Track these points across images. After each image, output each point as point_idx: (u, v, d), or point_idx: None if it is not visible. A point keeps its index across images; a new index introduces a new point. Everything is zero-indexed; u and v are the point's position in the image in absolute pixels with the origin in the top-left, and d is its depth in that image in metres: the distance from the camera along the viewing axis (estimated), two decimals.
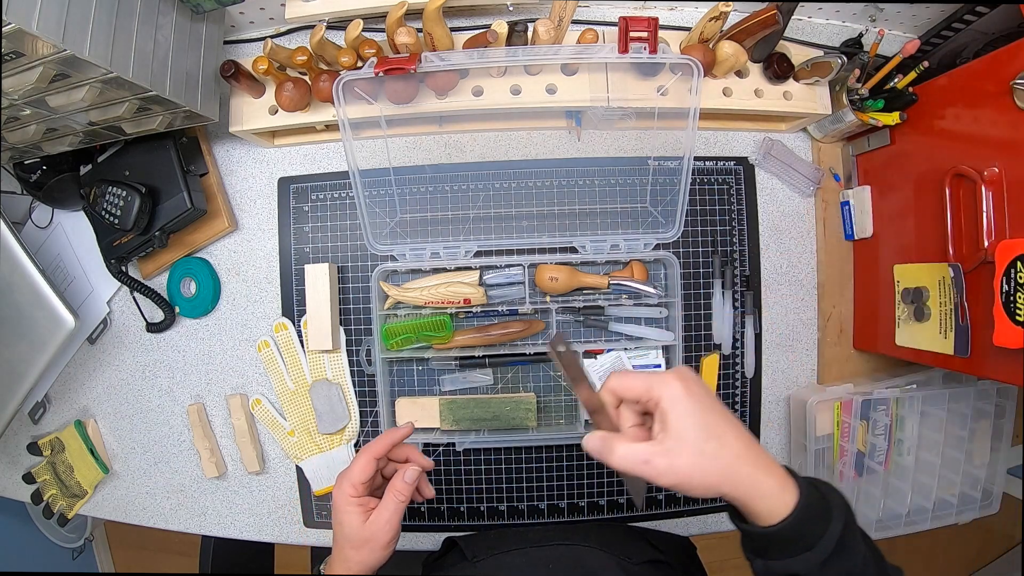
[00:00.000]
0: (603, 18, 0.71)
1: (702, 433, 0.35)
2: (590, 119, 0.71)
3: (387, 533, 0.47)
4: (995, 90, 0.53)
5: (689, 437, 0.35)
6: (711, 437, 0.35)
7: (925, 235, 0.63)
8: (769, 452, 0.38)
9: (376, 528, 0.47)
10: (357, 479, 0.48)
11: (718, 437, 0.36)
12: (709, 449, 0.35)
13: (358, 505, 0.48)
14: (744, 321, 0.74)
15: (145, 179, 0.67)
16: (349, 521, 0.48)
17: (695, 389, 0.37)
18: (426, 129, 0.74)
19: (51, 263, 0.78)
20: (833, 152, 0.76)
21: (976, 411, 0.72)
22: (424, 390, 0.73)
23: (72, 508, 0.79)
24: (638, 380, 0.38)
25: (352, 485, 0.48)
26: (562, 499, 0.74)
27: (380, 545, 0.47)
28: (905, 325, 0.65)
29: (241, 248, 0.76)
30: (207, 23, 0.63)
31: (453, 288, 0.68)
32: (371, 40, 0.62)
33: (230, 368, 0.76)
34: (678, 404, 0.36)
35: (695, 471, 0.35)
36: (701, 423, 0.36)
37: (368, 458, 0.49)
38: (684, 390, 0.36)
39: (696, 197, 0.74)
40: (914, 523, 0.72)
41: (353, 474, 0.48)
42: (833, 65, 0.64)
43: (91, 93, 0.52)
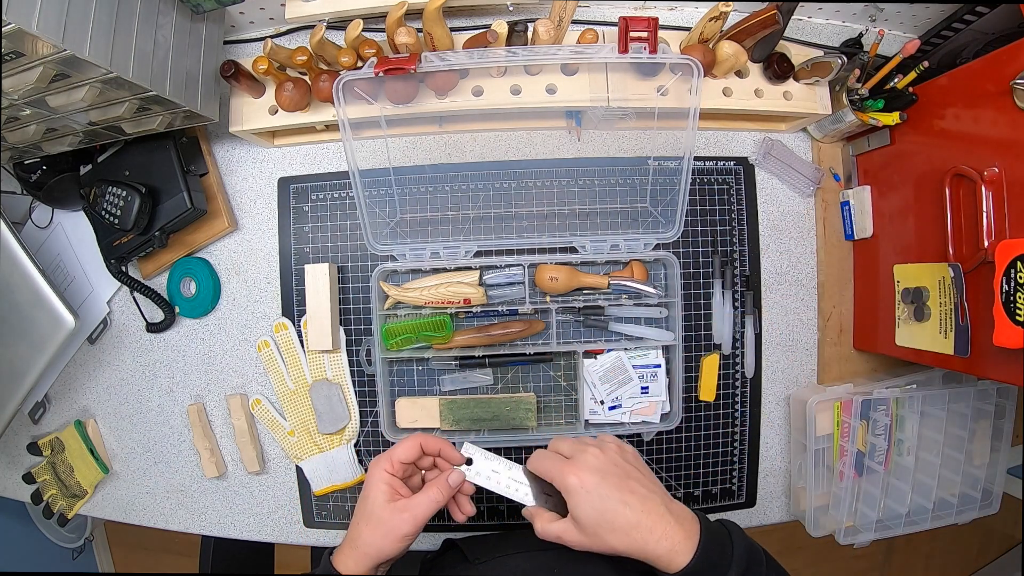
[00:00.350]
0: (603, 18, 0.71)
1: (596, 518, 0.44)
2: (590, 119, 0.71)
3: (407, 524, 0.46)
4: (995, 90, 0.53)
5: (587, 522, 0.44)
6: (603, 522, 0.44)
7: (925, 235, 0.63)
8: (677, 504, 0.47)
9: (401, 516, 0.46)
10: (398, 457, 0.48)
11: (610, 521, 0.44)
12: (602, 531, 0.44)
13: (388, 484, 0.47)
14: (744, 321, 0.74)
15: (145, 179, 0.67)
16: (375, 496, 0.47)
17: (590, 482, 0.45)
18: (426, 129, 0.74)
19: (51, 263, 0.78)
20: (833, 152, 0.76)
21: (976, 411, 0.72)
22: (424, 390, 0.73)
23: (72, 508, 0.79)
24: (549, 467, 0.48)
25: (391, 462, 0.48)
26: None
27: (397, 534, 0.46)
28: (905, 325, 0.65)
29: (241, 248, 0.76)
30: (207, 23, 0.64)
31: (453, 288, 0.68)
32: (371, 40, 0.62)
33: (230, 368, 0.76)
34: (575, 496, 0.45)
35: (596, 544, 0.44)
36: (596, 511, 0.44)
37: (415, 443, 0.49)
38: (579, 485, 0.45)
39: (696, 197, 0.74)
40: (914, 523, 0.72)
41: (396, 451, 0.48)
42: (833, 65, 0.64)
43: (91, 93, 0.52)
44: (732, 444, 0.75)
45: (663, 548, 0.43)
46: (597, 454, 0.48)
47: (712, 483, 0.75)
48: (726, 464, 0.75)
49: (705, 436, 0.74)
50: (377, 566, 0.48)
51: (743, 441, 0.75)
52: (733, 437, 0.75)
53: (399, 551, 0.47)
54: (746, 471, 0.75)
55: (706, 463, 0.75)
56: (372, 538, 0.46)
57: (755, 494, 0.76)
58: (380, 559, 0.46)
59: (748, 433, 0.75)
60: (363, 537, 0.46)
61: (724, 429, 0.75)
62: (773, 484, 0.77)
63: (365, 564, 0.46)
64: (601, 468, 0.47)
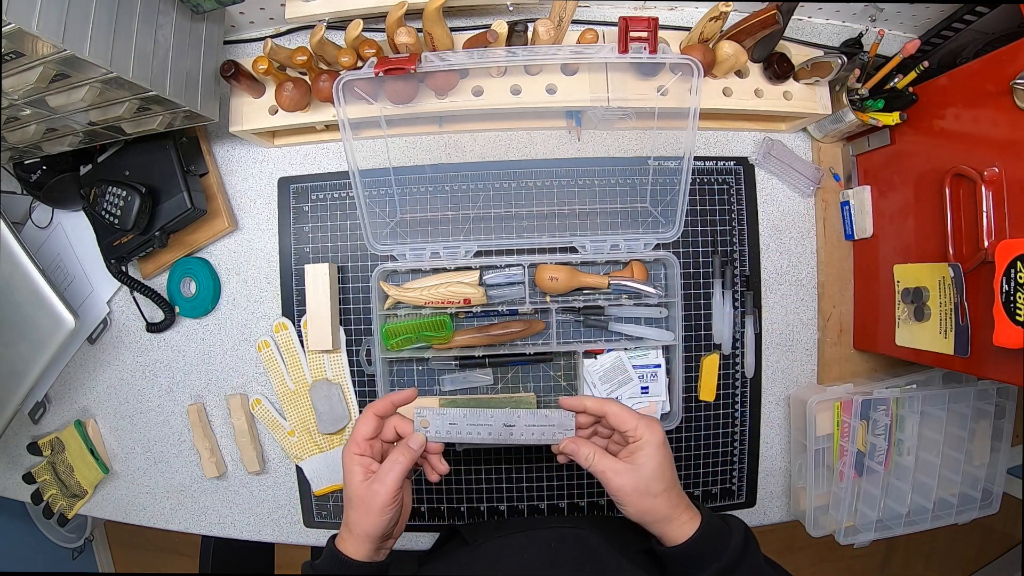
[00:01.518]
0: (603, 18, 0.71)
1: (656, 474, 0.48)
2: (590, 119, 0.71)
3: (382, 496, 0.47)
4: (995, 90, 0.53)
5: (646, 474, 0.48)
6: (659, 480, 0.48)
7: (925, 235, 0.63)
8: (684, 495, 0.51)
9: (372, 489, 0.47)
10: (359, 435, 0.49)
11: (662, 482, 0.48)
12: (653, 488, 0.48)
13: (359, 464, 0.49)
14: (744, 321, 0.74)
15: (145, 179, 0.67)
16: (350, 478, 0.48)
17: (664, 444, 0.50)
18: (426, 129, 0.74)
19: (51, 263, 0.78)
20: (833, 152, 0.76)
21: (976, 411, 0.72)
22: (424, 390, 0.73)
23: (72, 508, 0.79)
24: (631, 416, 0.50)
25: (355, 442, 0.49)
26: (562, 499, 0.74)
27: (375, 508, 0.47)
28: (905, 325, 0.65)
29: (241, 248, 0.76)
30: (207, 23, 0.63)
31: (453, 288, 0.68)
32: (371, 40, 0.62)
33: (230, 368, 0.76)
34: (651, 447, 0.49)
35: (634, 496, 0.48)
36: (659, 468, 0.48)
37: (369, 415, 0.50)
38: (659, 441, 0.49)
39: (696, 197, 0.74)
40: (914, 523, 0.72)
41: (357, 431, 0.49)
42: (833, 65, 0.64)
43: (91, 93, 0.52)
44: (732, 444, 0.75)
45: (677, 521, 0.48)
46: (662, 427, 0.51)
47: (712, 483, 0.75)
48: (726, 464, 0.75)
49: (705, 436, 0.74)
50: (377, 546, 0.49)
51: (743, 441, 0.75)
52: (733, 437, 0.75)
53: (386, 523, 0.48)
54: (746, 471, 0.75)
55: (706, 463, 0.75)
56: (358, 517, 0.47)
57: (755, 494, 0.76)
58: (374, 536, 0.48)
59: (748, 433, 0.75)
60: (352, 519, 0.48)
61: (724, 429, 0.75)
62: (773, 484, 0.77)
63: (363, 545, 0.48)
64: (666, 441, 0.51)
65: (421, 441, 0.49)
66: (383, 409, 0.51)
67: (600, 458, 0.50)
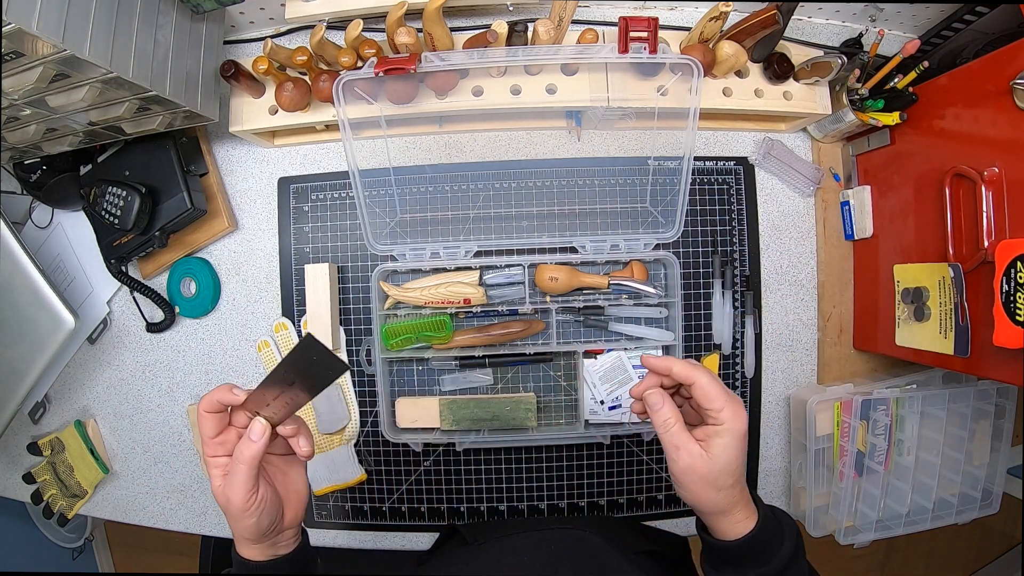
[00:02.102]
0: (603, 18, 0.71)
1: (728, 468, 0.43)
2: (590, 119, 0.71)
3: (235, 501, 0.42)
4: (995, 90, 0.53)
5: (718, 465, 0.43)
6: (729, 475, 0.43)
7: (925, 235, 0.63)
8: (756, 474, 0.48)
9: (226, 496, 0.42)
10: (205, 436, 0.44)
11: (732, 477, 0.43)
12: (720, 482, 0.43)
13: (215, 467, 0.44)
14: (744, 321, 0.74)
15: (145, 179, 0.67)
16: (211, 485, 0.44)
17: (745, 436, 0.44)
18: (426, 129, 0.74)
19: (51, 263, 0.78)
20: (833, 152, 0.76)
21: (976, 411, 0.72)
22: (424, 390, 0.73)
23: (72, 508, 0.79)
24: (720, 394, 0.44)
25: (205, 444, 0.44)
26: (562, 499, 0.74)
27: (235, 513, 0.42)
28: (905, 325, 0.65)
29: (241, 248, 0.76)
30: (207, 23, 0.63)
31: (453, 288, 0.68)
32: (371, 40, 0.62)
33: (230, 368, 0.76)
34: (730, 436, 0.43)
35: (701, 486, 0.43)
36: (733, 462, 0.43)
37: (206, 416, 0.43)
38: (742, 432, 0.44)
39: (696, 197, 0.74)
40: (914, 523, 0.72)
41: (201, 432, 0.44)
42: (833, 65, 0.64)
43: (91, 93, 0.52)
44: None
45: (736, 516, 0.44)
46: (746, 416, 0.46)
47: None
48: None
49: None
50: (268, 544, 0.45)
51: None
52: None
53: (257, 524, 0.43)
54: (746, 471, 0.75)
55: None
56: (230, 523, 0.44)
57: (755, 494, 0.76)
58: (254, 537, 0.44)
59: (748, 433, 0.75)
60: (231, 526, 0.44)
61: None
62: (773, 484, 0.77)
63: (251, 547, 0.45)
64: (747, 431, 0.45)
65: (260, 430, 0.41)
66: (208, 405, 0.43)
67: (679, 431, 0.44)
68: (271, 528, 0.44)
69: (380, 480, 0.74)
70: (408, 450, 0.74)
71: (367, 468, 0.74)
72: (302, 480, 0.48)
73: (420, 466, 0.74)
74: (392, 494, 0.75)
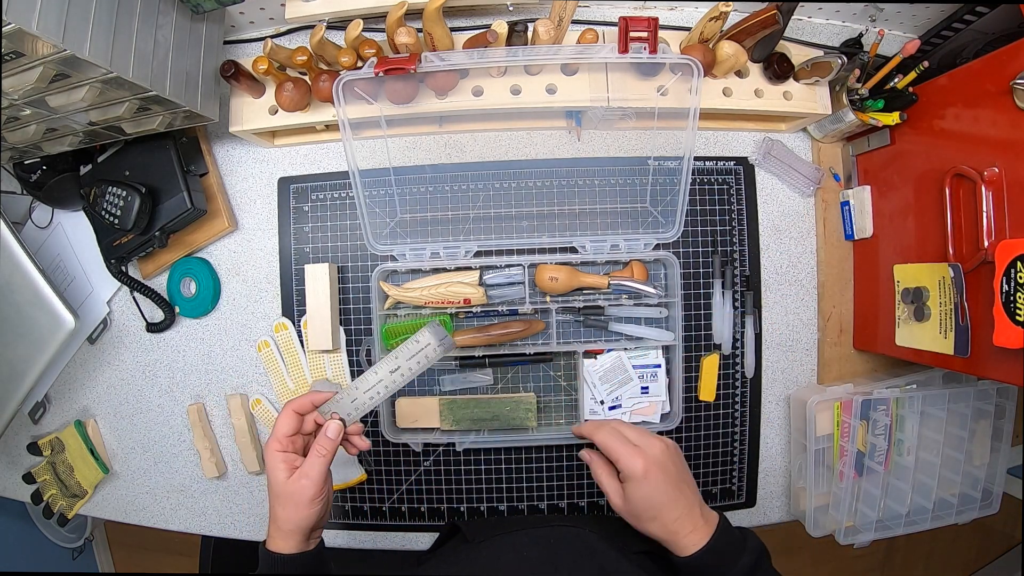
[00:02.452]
0: (603, 18, 0.71)
1: (643, 504, 0.50)
2: (590, 119, 0.71)
3: (309, 489, 0.47)
4: (995, 90, 0.53)
5: (637, 505, 0.50)
6: (650, 510, 0.50)
7: (925, 235, 0.63)
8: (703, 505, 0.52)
9: (299, 484, 0.47)
10: (280, 433, 0.49)
11: (656, 512, 0.49)
12: (645, 517, 0.50)
13: (283, 461, 0.49)
14: (744, 321, 0.74)
15: (145, 179, 0.67)
16: (275, 477, 0.49)
17: (649, 475, 0.50)
18: (426, 129, 0.74)
19: (51, 263, 0.78)
20: (833, 152, 0.76)
21: (976, 411, 0.72)
22: (424, 390, 0.73)
23: (72, 508, 0.79)
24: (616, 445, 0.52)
25: (277, 440, 0.49)
26: (562, 499, 0.74)
27: (303, 502, 0.47)
28: (905, 325, 0.65)
29: (241, 248, 0.76)
30: (207, 23, 0.63)
31: (453, 288, 0.68)
32: (371, 40, 0.62)
33: (230, 368, 0.76)
34: (636, 482, 0.50)
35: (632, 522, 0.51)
36: (645, 500, 0.50)
37: (289, 411, 0.50)
38: (639, 475, 0.50)
39: (696, 197, 0.74)
40: (914, 523, 0.72)
41: (277, 428, 0.49)
42: (833, 65, 0.64)
43: (91, 93, 0.52)
44: (732, 444, 0.75)
45: (689, 542, 0.48)
46: (661, 447, 0.52)
47: (712, 483, 0.75)
48: (726, 464, 0.75)
49: (705, 436, 0.74)
50: (306, 537, 0.49)
51: (743, 441, 0.75)
52: (733, 437, 0.75)
53: (316, 516, 0.48)
54: (746, 471, 0.75)
55: (706, 463, 0.75)
56: (286, 513, 0.48)
57: (755, 494, 0.76)
58: (303, 529, 0.48)
59: (748, 433, 0.75)
60: (279, 516, 0.48)
61: (724, 429, 0.75)
62: (773, 484, 0.77)
63: (293, 538, 0.49)
64: (664, 465, 0.51)
65: (337, 429, 0.49)
66: (302, 407, 0.50)
67: (604, 481, 0.53)
68: (319, 521, 0.49)
69: (380, 480, 0.74)
70: (408, 450, 0.74)
71: (367, 468, 0.74)
72: (331, 482, 0.52)
73: (420, 466, 0.74)
74: (392, 494, 0.75)
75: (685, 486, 0.51)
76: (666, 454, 0.51)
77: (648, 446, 0.51)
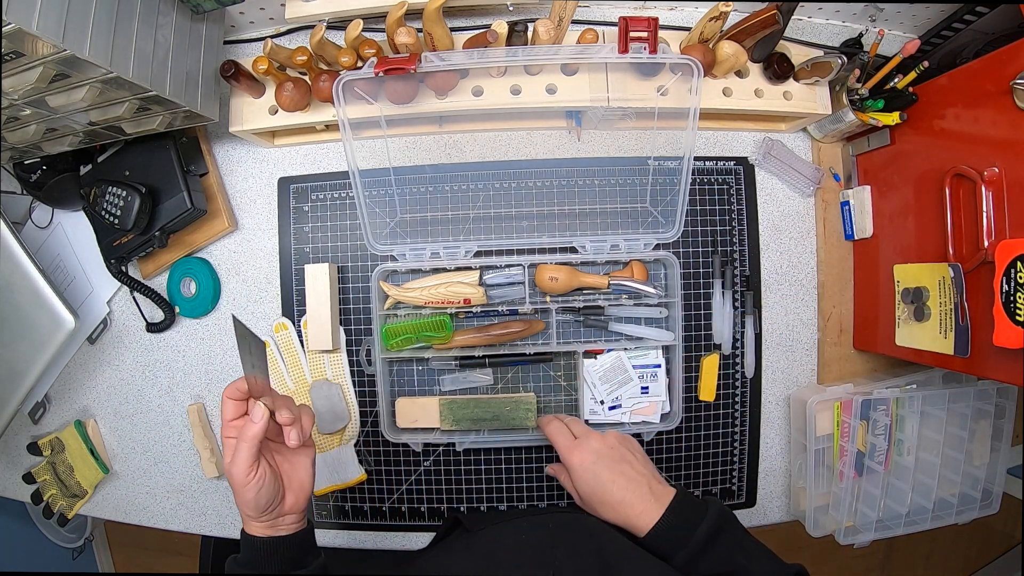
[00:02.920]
0: (603, 18, 0.71)
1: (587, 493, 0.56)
2: (590, 119, 0.71)
3: (236, 474, 0.47)
4: (995, 90, 0.53)
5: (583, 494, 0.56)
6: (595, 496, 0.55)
7: (925, 235, 0.63)
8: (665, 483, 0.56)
9: (230, 470, 0.48)
10: (225, 419, 0.50)
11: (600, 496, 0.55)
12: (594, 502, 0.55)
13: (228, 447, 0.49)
14: (744, 321, 0.74)
15: (145, 179, 0.67)
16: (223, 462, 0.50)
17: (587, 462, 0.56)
18: (426, 129, 0.74)
19: (51, 263, 0.78)
20: (833, 152, 0.76)
21: (976, 411, 0.72)
22: (424, 390, 0.73)
23: (72, 508, 0.79)
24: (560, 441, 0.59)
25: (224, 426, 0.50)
26: (562, 499, 0.74)
27: (237, 485, 0.47)
28: (905, 325, 0.65)
29: (241, 248, 0.76)
30: (207, 23, 0.64)
31: (453, 288, 0.68)
32: (371, 40, 0.62)
33: (230, 368, 0.76)
34: (574, 472, 0.57)
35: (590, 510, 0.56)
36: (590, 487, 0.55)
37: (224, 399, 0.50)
38: (579, 464, 0.56)
39: (696, 197, 0.74)
40: (914, 523, 0.72)
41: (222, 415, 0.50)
42: (833, 65, 0.64)
43: (91, 93, 0.52)
44: (732, 444, 0.75)
45: (642, 521, 0.52)
46: (600, 438, 0.58)
47: (712, 483, 0.75)
48: (726, 464, 0.75)
49: (705, 436, 0.74)
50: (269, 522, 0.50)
51: (743, 441, 0.75)
52: (733, 437, 0.75)
53: (257, 497, 0.48)
54: (746, 471, 0.75)
55: (706, 463, 0.75)
56: (236, 497, 0.49)
57: (755, 494, 0.76)
58: (255, 511, 0.49)
59: (748, 433, 0.75)
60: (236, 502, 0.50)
61: (724, 429, 0.75)
62: (773, 484, 0.77)
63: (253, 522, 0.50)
64: (599, 451, 0.56)
65: (260, 412, 0.48)
66: (232, 392, 0.50)
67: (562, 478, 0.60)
68: (268, 506, 0.49)
69: (380, 480, 0.74)
70: (408, 450, 0.74)
71: (367, 468, 0.74)
72: (306, 472, 0.53)
73: (420, 466, 0.74)
74: (392, 494, 0.75)
75: (627, 469, 0.55)
76: (603, 443, 0.57)
77: (586, 438, 0.57)
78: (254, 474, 0.47)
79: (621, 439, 0.59)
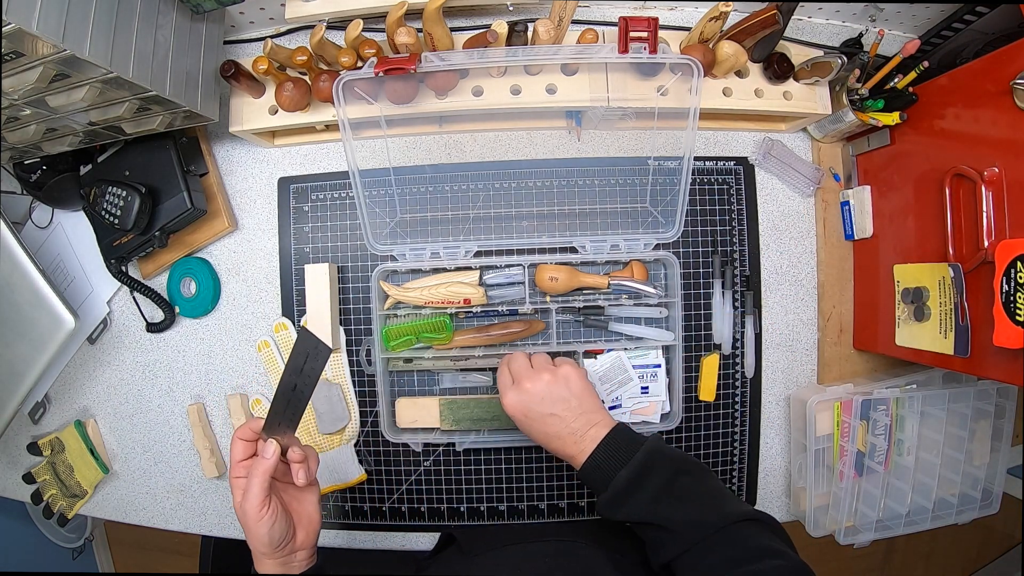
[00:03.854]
0: (603, 18, 0.71)
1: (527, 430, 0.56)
2: (590, 119, 0.71)
3: (249, 511, 0.47)
4: (995, 90, 0.53)
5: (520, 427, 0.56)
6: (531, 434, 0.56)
7: (925, 235, 0.63)
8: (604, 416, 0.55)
9: (243, 507, 0.48)
10: (234, 459, 0.50)
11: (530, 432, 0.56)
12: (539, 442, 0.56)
13: (236, 487, 0.50)
14: (744, 321, 0.74)
15: (145, 179, 0.67)
16: (233, 501, 0.50)
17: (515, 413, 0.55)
18: (426, 129, 0.74)
19: (51, 263, 0.78)
20: (833, 152, 0.76)
21: (976, 411, 0.72)
22: (424, 390, 0.73)
23: (72, 508, 0.79)
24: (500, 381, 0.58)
25: (232, 466, 0.50)
26: (562, 499, 0.74)
27: (250, 522, 0.48)
28: (905, 325, 0.65)
29: (241, 248, 0.76)
30: (207, 23, 0.63)
31: (453, 288, 0.68)
32: (371, 40, 0.62)
33: (230, 368, 0.76)
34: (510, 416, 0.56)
35: None
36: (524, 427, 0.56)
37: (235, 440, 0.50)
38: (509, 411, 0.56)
39: (696, 197, 0.74)
40: (914, 523, 0.72)
41: (231, 455, 0.51)
42: (833, 65, 0.64)
43: (91, 93, 0.52)
44: (732, 444, 0.75)
45: (576, 461, 0.53)
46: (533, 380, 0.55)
47: None
48: (726, 464, 0.75)
49: (705, 436, 0.74)
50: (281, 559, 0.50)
51: (743, 441, 0.75)
52: (733, 437, 0.75)
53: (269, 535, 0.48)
54: (746, 471, 0.75)
55: (706, 463, 0.75)
56: (247, 536, 0.49)
57: (755, 494, 0.76)
58: (266, 548, 0.49)
59: (748, 433, 0.75)
60: (247, 538, 0.50)
61: (724, 429, 0.75)
62: (773, 484, 0.77)
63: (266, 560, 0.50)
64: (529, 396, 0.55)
65: (271, 449, 0.49)
66: (244, 433, 0.50)
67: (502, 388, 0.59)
68: (281, 542, 0.49)
69: (380, 480, 0.74)
70: (408, 450, 0.74)
71: (367, 468, 0.74)
72: (314, 508, 0.53)
73: (420, 466, 0.74)
74: (392, 494, 0.75)
75: (558, 408, 0.54)
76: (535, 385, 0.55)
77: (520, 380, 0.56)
78: (266, 509, 0.47)
79: (554, 380, 0.55)
